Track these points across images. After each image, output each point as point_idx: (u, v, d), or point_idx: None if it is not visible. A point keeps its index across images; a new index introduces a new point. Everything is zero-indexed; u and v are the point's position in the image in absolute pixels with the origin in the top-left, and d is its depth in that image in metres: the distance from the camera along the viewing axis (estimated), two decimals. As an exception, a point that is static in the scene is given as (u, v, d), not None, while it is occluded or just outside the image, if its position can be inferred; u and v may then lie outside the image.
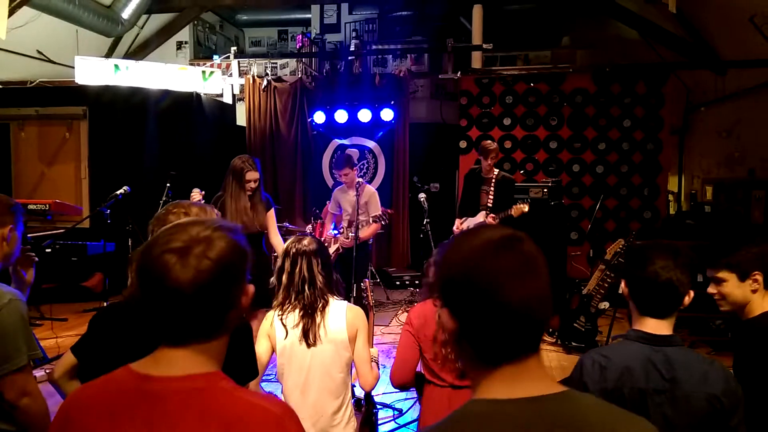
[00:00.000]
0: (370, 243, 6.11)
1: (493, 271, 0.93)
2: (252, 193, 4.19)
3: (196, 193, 4.96)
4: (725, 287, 2.02)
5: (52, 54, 8.45)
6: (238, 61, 8.93)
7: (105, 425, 1.03)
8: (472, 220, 5.64)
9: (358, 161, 8.36)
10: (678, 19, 7.28)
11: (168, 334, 1.07)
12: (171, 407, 1.01)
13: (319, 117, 8.34)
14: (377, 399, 3.72)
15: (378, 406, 3.05)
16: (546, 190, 6.06)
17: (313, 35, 10.46)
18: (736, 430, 1.60)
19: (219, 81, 8.67)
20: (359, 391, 2.64)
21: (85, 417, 1.05)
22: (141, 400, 1.03)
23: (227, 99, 8.84)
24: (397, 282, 7.83)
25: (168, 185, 5.89)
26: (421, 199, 5.89)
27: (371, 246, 6.62)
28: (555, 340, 5.39)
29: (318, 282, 2.38)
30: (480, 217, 5.57)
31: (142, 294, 1.06)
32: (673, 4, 6.04)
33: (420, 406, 2.57)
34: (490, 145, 5.62)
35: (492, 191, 5.54)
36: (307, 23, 10.88)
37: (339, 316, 2.39)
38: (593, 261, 5.76)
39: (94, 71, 7.78)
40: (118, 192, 5.57)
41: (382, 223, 5.47)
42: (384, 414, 3.91)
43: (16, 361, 1.79)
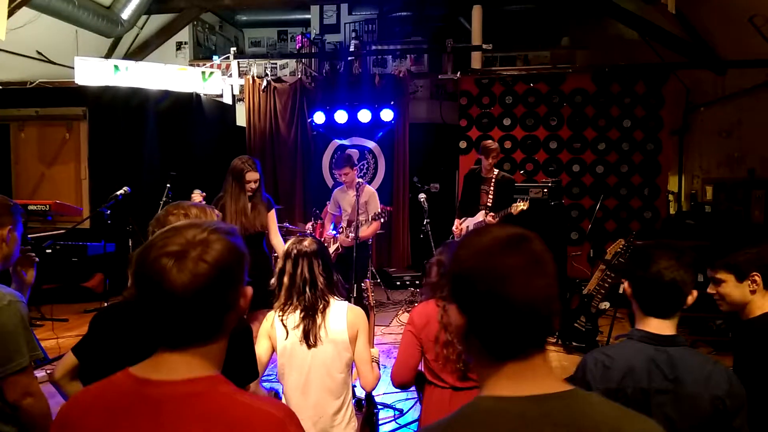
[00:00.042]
0: (369, 243, 6.10)
1: (501, 269, 0.94)
2: (253, 194, 4.19)
3: (197, 195, 4.97)
4: (724, 288, 2.02)
5: (51, 55, 8.46)
6: (237, 62, 8.93)
7: (105, 429, 1.03)
8: (471, 219, 5.64)
9: (358, 161, 8.36)
10: (678, 19, 7.28)
11: (166, 338, 1.06)
12: (172, 412, 1.01)
13: (319, 117, 8.34)
14: (378, 399, 3.72)
15: (379, 406, 3.05)
16: (546, 190, 6.06)
17: (313, 36, 10.46)
18: (739, 431, 1.60)
19: (219, 81, 8.66)
20: (360, 392, 2.64)
21: (85, 420, 1.05)
22: (141, 404, 1.02)
23: (227, 99, 8.84)
24: (398, 282, 7.83)
25: (168, 186, 5.90)
26: (421, 200, 5.88)
27: (371, 246, 6.62)
28: (555, 340, 5.39)
29: (319, 283, 2.38)
30: (479, 217, 5.56)
31: (139, 298, 1.05)
32: (673, 4, 6.04)
33: (420, 406, 2.57)
34: (491, 145, 5.62)
35: (492, 191, 5.54)
36: (307, 24, 10.89)
37: (340, 316, 2.39)
38: (593, 261, 5.77)
39: (93, 72, 7.78)
40: (118, 192, 5.57)
41: (381, 221, 5.47)
42: (385, 414, 3.91)
43: (17, 363, 1.79)
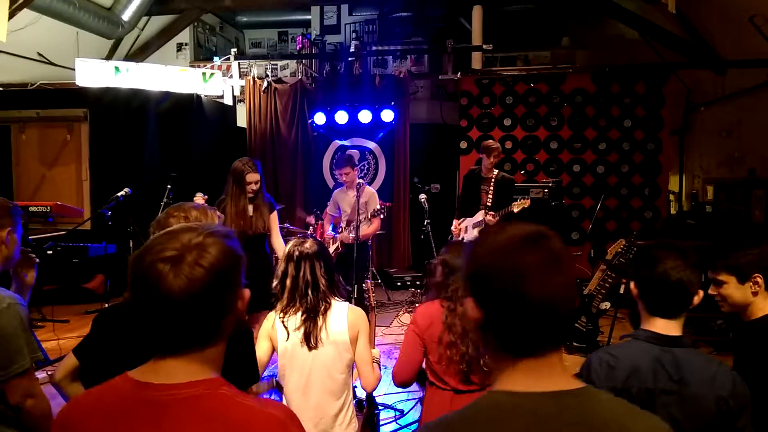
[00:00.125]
0: (369, 243, 6.11)
1: (519, 266, 0.95)
2: (254, 195, 4.19)
3: (199, 198, 4.97)
4: (725, 289, 2.02)
5: (52, 56, 8.47)
6: (238, 63, 8.94)
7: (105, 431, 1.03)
8: (470, 220, 5.63)
9: (358, 162, 8.36)
10: (678, 19, 7.28)
11: (164, 343, 1.06)
12: (173, 414, 1.01)
13: (320, 118, 8.35)
14: (379, 400, 3.71)
15: (379, 407, 3.05)
16: (546, 190, 6.06)
17: (313, 36, 10.46)
18: (742, 431, 1.60)
19: (219, 82, 8.67)
20: (361, 392, 2.64)
21: (86, 423, 1.05)
22: (142, 407, 1.02)
23: (227, 100, 8.84)
24: (398, 283, 7.83)
25: (169, 187, 5.91)
26: (422, 200, 5.87)
27: (371, 246, 6.62)
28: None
29: (321, 285, 2.38)
30: (479, 217, 5.55)
31: (135, 303, 1.05)
32: (673, 4, 6.04)
33: (421, 407, 2.57)
34: (492, 144, 5.63)
35: (492, 191, 5.53)
36: (307, 24, 10.89)
37: (340, 317, 2.39)
38: (594, 261, 5.76)
39: (94, 73, 7.78)
40: (119, 194, 5.57)
41: (381, 217, 5.47)
42: (385, 415, 3.91)
43: (19, 365, 1.79)
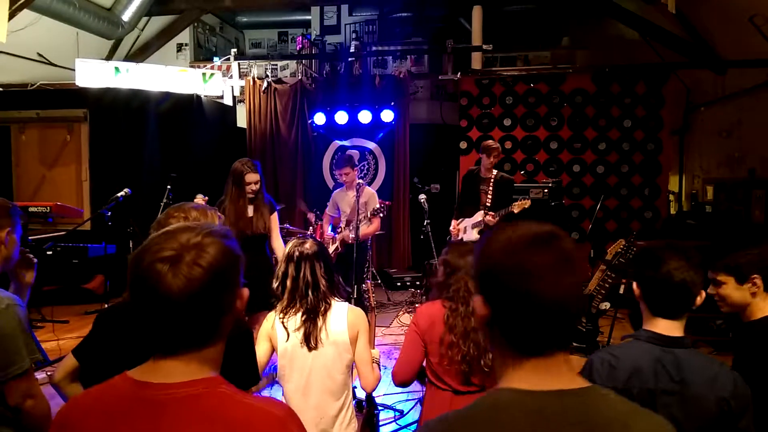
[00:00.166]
0: (369, 244, 6.10)
1: (529, 265, 0.95)
2: (254, 196, 4.19)
3: (199, 198, 4.96)
4: (724, 289, 2.02)
5: (52, 57, 8.47)
6: (238, 63, 8.94)
7: (104, 431, 1.02)
8: (469, 220, 5.62)
9: (358, 162, 8.36)
10: (678, 19, 7.28)
11: (162, 343, 1.06)
12: (172, 413, 1.01)
13: (320, 118, 8.35)
14: (378, 400, 3.72)
15: (379, 407, 3.05)
16: (546, 190, 6.06)
17: (313, 37, 10.47)
18: None
19: (219, 83, 8.67)
20: (360, 393, 2.64)
21: (84, 423, 1.05)
22: (141, 406, 1.02)
23: (227, 101, 8.84)
24: (398, 283, 7.83)
25: (168, 187, 5.90)
26: (422, 200, 5.87)
27: (370, 246, 6.62)
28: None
29: (321, 286, 2.38)
30: (478, 217, 5.55)
31: (134, 303, 1.04)
32: (673, 4, 6.04)
33: (421, 407, 2.57)
34: (492, 144, 5.62)
35: (491, 191, 5.53)
36: (307, 25, 10.90)
37: (340, 317, 2.39)
38: (594, 261, 5.75)
39: (94, 74, 7.79)
40: (118, 194, 5.57)
41: (381, 215, 5.47)
42: (385, 415, 3.91)
43: (18, 366, 1.79)
